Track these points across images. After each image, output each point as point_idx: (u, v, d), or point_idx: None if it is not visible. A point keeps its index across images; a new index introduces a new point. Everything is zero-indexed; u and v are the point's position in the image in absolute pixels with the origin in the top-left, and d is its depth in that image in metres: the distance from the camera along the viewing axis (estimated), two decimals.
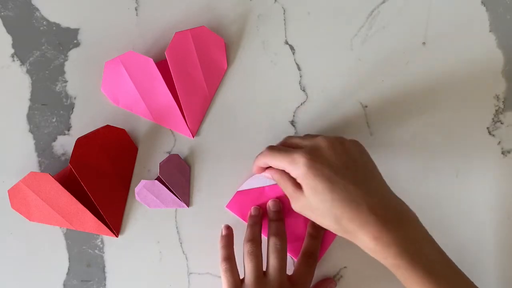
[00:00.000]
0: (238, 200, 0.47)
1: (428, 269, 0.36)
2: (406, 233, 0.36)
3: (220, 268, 0.43)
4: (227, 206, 0.48)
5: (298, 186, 0.39)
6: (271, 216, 0.46)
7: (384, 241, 0.36)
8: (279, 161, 0.40)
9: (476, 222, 0.47)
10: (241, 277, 0.43)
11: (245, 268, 0.43)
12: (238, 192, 0.48)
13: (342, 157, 0.38)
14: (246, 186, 0.48)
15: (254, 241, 0.43)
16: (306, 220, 0.47)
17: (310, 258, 0.44)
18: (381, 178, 0.40)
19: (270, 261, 0.43)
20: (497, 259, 0.43)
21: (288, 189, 0.40)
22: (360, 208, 0.36)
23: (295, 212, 0.45)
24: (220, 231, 0.46)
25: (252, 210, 0.47)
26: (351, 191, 0.36)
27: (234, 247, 0.45)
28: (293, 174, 0.39)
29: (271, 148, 0.41)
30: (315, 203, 0.38)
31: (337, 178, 0.37)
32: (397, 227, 0.36)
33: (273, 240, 0.43)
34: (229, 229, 0.46)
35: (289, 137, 0.44)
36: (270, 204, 0.47)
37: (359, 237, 0.37)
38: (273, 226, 0.45)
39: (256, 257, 0.42)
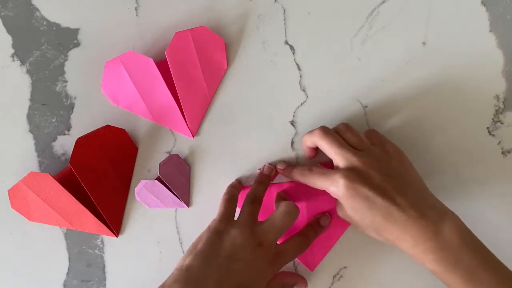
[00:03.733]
0: (243, 195, 0.47)
1: (466, 276, 0.37)
2: (444, 240, 0.37)
3: (221, 199, 0.44)
4: None
5: None
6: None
7: (421, 249, 0.38)
8: (320, 183, 0.41)
9: (476, 222, 0.47)
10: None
11: (241, 210, 0.43)
12: (244, 186, 0.48)
13: (380, 174, 0.39)
14: (253, 181, 0.47)
15: (257, 195, 0.44)
16: (309, 218, 0.47)
17: (303, 241, 0.44)
18: (420, 183, 0.41)
19: (275, 218, 0.41)
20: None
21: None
22: (398, 222, 0.38)
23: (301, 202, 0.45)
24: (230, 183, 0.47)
25: (265, 169, 0.47)
26: (389, 207, 0.38)
27: None
28: (334, 195, 0.41)
29: (311, 172, 0.42)
30: (356, 219, 0.40)
31: (375, 197, 0.38)
32: (435, 235, 0.38)
33: (290, 207, 0.41)
34: (240, 183, 0.47)
35: (343, 127, 0.44)
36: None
37: (398, 245, 0.39)
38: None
39: (256, 207, 0.43)
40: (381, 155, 0.41)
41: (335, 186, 0.40)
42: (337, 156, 0.41)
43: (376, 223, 0.39)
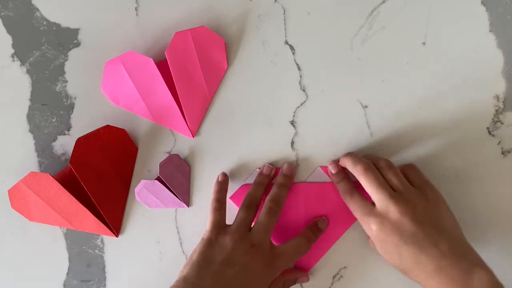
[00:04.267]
0: (243, 193, 0.47)
1: None
2: None
3: (209, 207, 0.45)
4: (230, 198, 0.48)
5: None
6: (279, 179, 0.46)
7: None
8: (356, 215, 0.43)
9: (475, 222, 0.47)
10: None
11: (236, 216, 0.44)
12: (244, 185, 0.48)
13: (414, 221, 0.40)
14: (252, 180, 0.47)
15: (254, 199, 0.45)
16: (307, 219, 0.47)
17: (303, 243, 0.44)
18: (455, 230, 0.41)
19: (259, 219, 0.43)
20: (498, 260, 0.43)
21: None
22: (427, 269, 0.39)
23: (297, 205, 0.46)
24: (216, 177, 0.47)
25: (264, 169, 0.47)
26: (419, 255, 0.39)
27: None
28: (367, 232, 0.42)
29: (352, 199, 0.43)
30: (386, 259, 0.42)
31: (405, 246, 0.39)
32: (463, 286, 0.37)
33: (269, 203, 0.44)
34: (225, 176, 0.47)
35: (385, 165, 0.43)
36: (284, 166, 0.47)
37: (424, 287, 0.40)
38: (275, 190, 0.45)
39: (252, 212, 0.44)
40: (418, 200, 0.41)
41: (368, 228, 0.42)
42: (375, 196, 0.41)
43: (404, 267, 0.40)
